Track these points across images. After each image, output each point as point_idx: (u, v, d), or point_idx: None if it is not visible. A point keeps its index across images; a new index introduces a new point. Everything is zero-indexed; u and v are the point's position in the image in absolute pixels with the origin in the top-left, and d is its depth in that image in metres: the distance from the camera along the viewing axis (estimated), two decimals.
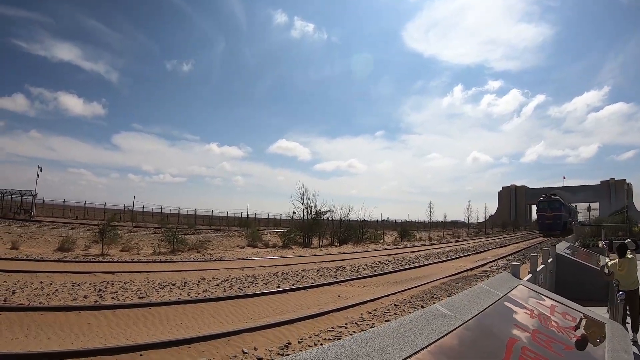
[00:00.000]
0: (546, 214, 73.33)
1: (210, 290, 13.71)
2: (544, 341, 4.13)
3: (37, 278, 13.85)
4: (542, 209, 74.71)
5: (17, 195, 56.21)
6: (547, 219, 72.75)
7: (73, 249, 24.34)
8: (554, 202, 74.24)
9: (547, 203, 73.99)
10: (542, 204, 75.36)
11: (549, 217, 72.68)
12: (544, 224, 73.62)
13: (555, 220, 71.60)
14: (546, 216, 73.24)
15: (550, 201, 74.21)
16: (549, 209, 72.88)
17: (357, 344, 2.48)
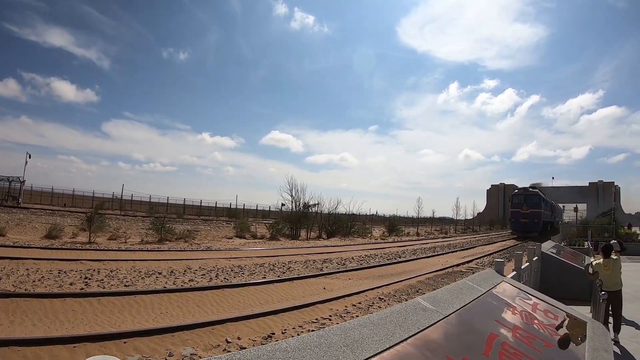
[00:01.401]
0: (521, 210, 56.79)
1: (196, 280, 13.71)
2: (525, 338, 4.18)
3: (23, 265, 13.79)
4: (517, 204, 57.74)
5: (4, 182, 55.57)
6: (523, 217, 56.54)
7: (60, 237, 24.25)
8: (532, 196, 57.71)
9: (522, 197, 57.83)
10: (516, 198, 58.66)
11: (525, 214, 56.43)
12: (518, 222, 56.98)
13: (532, 219, 55.14)
14: (521, 213, 56.71)
15: (527, 195, 58.03)
16: (525, 204, 56.45)
17: (336, 334, 2.50)
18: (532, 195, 57.17)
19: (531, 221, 54.26)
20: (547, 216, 60.55)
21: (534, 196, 56.73)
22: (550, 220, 64.24)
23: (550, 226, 62.26)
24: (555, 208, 74.13)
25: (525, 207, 55.18)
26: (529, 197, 56.67)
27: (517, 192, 59.74)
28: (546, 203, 59.96)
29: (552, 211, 67.26)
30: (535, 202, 55.46)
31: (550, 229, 61.40)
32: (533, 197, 56.47)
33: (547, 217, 59.64)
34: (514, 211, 57.23)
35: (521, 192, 59.24)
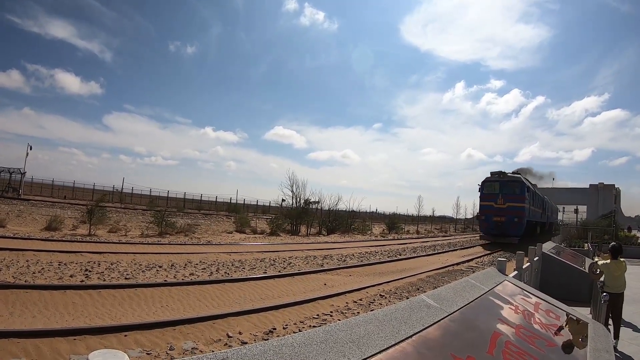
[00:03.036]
0: (495, 204, 37.10)
1: (196, 274, 13.72)
2: (527, 337, 4.19)
3: (23, 256, 13.79)
4: (488, 196, 38.14)
5: (5, 173, 55.70)
6: (497, 214, 36.82)
7: (60, 229, 24.24)
8: (511, 184, 37.90)
9: (497, 185, 37.91)
10: (488, 187, 38.49)
11: (500, 210, 36.74)
12: (490, 222, 37.25)
13: (511, 217, 36.07)
14: (495, 208, 36.94)
15: (505, 182, 37.95)
16: (500, 195, 37.10)
17: (342, 330, 2.50)
18: (512, 182, 37.38)
19: (509, 220, 35.47)
20: (535, 214, 42.03)
21: (515, 184, 37.18)
22: (540, 220, 46.85)
23: (540, 228, 46.83)
24: (548, 205, 55.44)
25: (500, 200, 36.46)
26: (507, 184, 37.25)
27: (490, 178, 38.43)
28: (533, 196, 41.56)
29: (542, 208, 48.41)
30: (516, 192, 36.59)
31: (541, 232, 46.64)
32: (513, 186, 37.07)
33: (534, 216, 40.96)
34: (485, 205, 37.57)
35: (495, 177, 38.19)
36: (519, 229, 35.37)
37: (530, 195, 38.76)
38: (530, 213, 38.25)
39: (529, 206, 38.05)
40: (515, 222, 35.27)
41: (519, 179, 37.84)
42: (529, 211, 37.81)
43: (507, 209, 35.68)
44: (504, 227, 35.39)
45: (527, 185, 38.12)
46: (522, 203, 35.96)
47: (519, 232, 35.33)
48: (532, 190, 41.99)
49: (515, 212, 35.56)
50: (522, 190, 36.49)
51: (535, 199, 43.38)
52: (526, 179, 42.47)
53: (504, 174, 38.04)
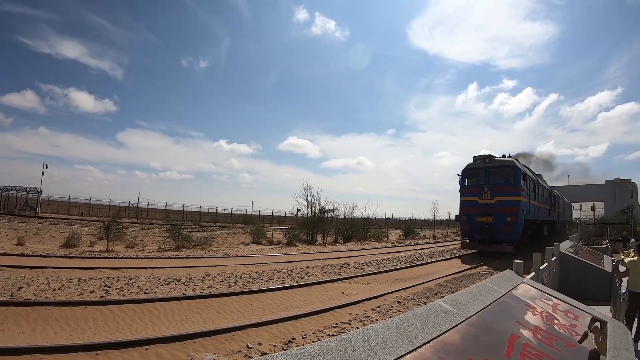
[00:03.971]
0: (480, 198, 27.46)
1: (215, 287, 13.77)
2: (546, 338, 4.18)
3: (43, 273, 13.95)
4: (472, 188, 28.42)
5: (22, 192, 56.55)
6: (482, 212, 27.14)
7: (78, 245, 24.44)
8: (501, 170, 27.66)
9: (482, 173, 28.02)
10: (470, 176, 28.92)
11: (487, 206, 26.98)
12: (474, 224, 27.48)
13: (502, 217, 26.03)
14: (480, 205, 27.37)
15: (492, 169, 27.69)
16: (486, 186, 27.37)
17: (360, 338, 2.54)
18: (502, 168, 27.23)
19: (499, 220, 25.67)
20: (539, 211, 31.51)
21: (506, 171, 27.01)
22: (548, 218, 36.01)
23: (548, 229, 35.57)
24: (559, 201, 43.92)
25: (486, 193, 26.75)
26: (496, 172, 27.24)
27: (472, 165, 28.49)
28: (536, 188, 31.08)
29: (550, 203, 37.47)
30: (509, 181, 26.47)
31: (550, 233, 35.73)
32: (503, 173, 27.08)
33: (537, 213, 30.79)
34: (466, 201, 27.85)
35: (479, 163, 28.01)
36: (514, 233, 25.00)
37: (529, 186, 28.27)
38: (530, 209, 28.02)
39: (528, 200, 27.72)
40: (507, 222, 24.66)
41: (512, 164, 26.71)
42: (528, 207, 27.50)
43: (496, 205, 25.62)
44: (493, 230, 25.43)
45: (524, 172, 26.63)
46: (516, 196, 25.39)
47: (514, 236, 25.00)
48: (534, 179, 30.92)
49: (507, 208, 25.24)
50: (516, 178, 25.90)
51: (539, 191, 32.25)
52: (525, 166, 31.36)
53: (491, 158, 27.29)
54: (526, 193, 27.50)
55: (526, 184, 27.65)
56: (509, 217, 25.25)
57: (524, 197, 26.61)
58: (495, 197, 26.41)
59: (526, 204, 27.35)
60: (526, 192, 27.50)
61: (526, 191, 27.54)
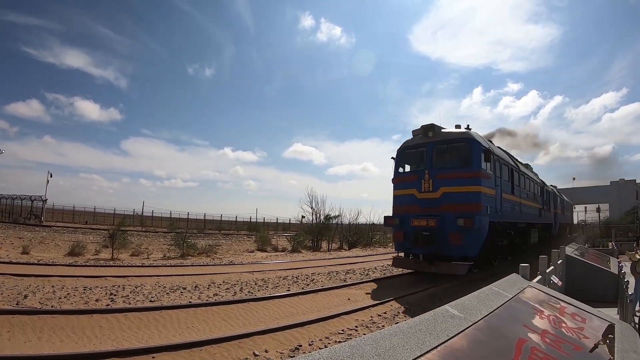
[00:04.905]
0: (419, 192, 17.36)
1: (220, 294, 13.78)
2: (554, 342, 4.17)
3: (48, 282, 13.98)
4: (408, 177, 18.45)
5: (27, 201, 56.89)
6: (421, 214, 17.07)
7: (83, 254, 24.51)
8: (450, 148, 17.50)
9: (423, 153, 17.88)
10: (407, 159, 18.98)
11: (428, 203, 17.00)
12: (409, 230, 17.26)
13: (450, 218, 16.09)
14: (418, 201, 17.38)
15: (436, 145, 17.53)
16: (427, 172, 17.19)
17: (368, 344, 2.53)
18: (453, 144, 17.63)
19: (446, 224, 16.34)
20: (521, 211, 22.67)
21: (459, 147, 17.44)
22: (539, 220, 27.92)
23: (539, 234, 27.89)
24: (555, 199, 35.96)
25: (427, 183, 17.36)
26: (443, 150, 17.81)
27: (410, 142, 18.99)
28: (515, 176, 22.10)
29: (542, 202, 28.99)
30: (463, 164, 16.88)
31: (543, 240, 28.88)
32: (455, 152, 17.59)
33: (516, 214, 21.69)
34: (401, 197, 18.72)
35: (419, 139, 18.50)
36: (469, 243, 15.95)
37: (501, 172, 19.07)
38: (503, 207, 18.76)
39: (499, 193, 18.46)
40: (458, 228, 15.82)
41: (466, 136, 17.20)
42: (499, 203, 18.33)
43: (441, 201, 16.71)
44: (436, 239, 16.32)
45: (488, 149, 17.10)
46: (474, 185, 16.40)
47: (470, 248, 15.99)
48: (512, 165, 21.71)
49: (459, 205, 16.29)
50: (473, 158, 16.61)
51: (524, 183, 23.75)
52: (491, 142, 20.95)
53: (435, 130, 17.86)
54: (493, 182, 17.67)
55: (494, 169, 17.95)
56: (460, 218, 15.67)
57: (487, 188, 16.92)
58: (441, 188, 16.66)
59: (492, 198, 17.43)
60: (493, 181, 17.68)
61: (493, 179, 17.69)
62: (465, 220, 15.64)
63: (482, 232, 16.22)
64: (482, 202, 16.35)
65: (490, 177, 17.47)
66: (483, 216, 16.21)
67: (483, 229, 16.23)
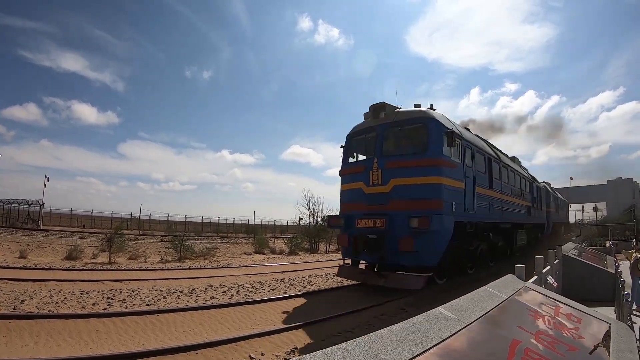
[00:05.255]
0: (367, 185, 14.30)
1: (217, 297, 13.76)
2: (548, 342, 4.17)
3: (45, 286, 13.96)
4: (356, 168, 15.32)
5: (24, 205, 56.81)
6: (368, 212, 14.08)
7: (81, 258, 24.47)
8: (407, 129, 14.34)
9: (373, 137, 14.85)
10: (356, 145, 16.15)
11: (377, 198, 13.94)
12: (354, 232, 14.33)
13: (400, 221, 12.99)
14: (366, 197, 14.31)
15: (390, 127, 14.52)
16: (375, 161, 14.17)
17: (359, 347, 2.54)
18: (408, 126, 14.37)
19: (397, 226, 13.16)
20: (502, 209, 18.88)
21: (415, 129, 14.20)
22: (527, 220, 24.59)
23: (528, 235, 24.67)
24: (548, 196, 33.32)
25: (376, 173, 14.12)
26: (395, 134, 14.68)
27: (360, 127, 16.01)
28: (494, 166, 18.32)
29: (531, 199, 25.81)
30: (419, 149, 13.62)
31: (532, 242, 25.93)
32: (410, 135, 14.42)
33: (494, 212, 17.83)
34: (348, 192, 15.56)
35: (369, 122, 15.52)
36: (427, 249, 12.96)
37: (472, 161, 15.75)
38: (475, 204, 15.46)
39: (471, 186, 15.31)
40: (411, 230, 12.82)
41: (424, 116, 14.07)
42: (469, 199, 15.01)
43: (391, 196, 13.70)
44: (385, 245, 13.43)
45: (452, 131, 13.53)
46: (433, 176, 13.20)
47: (427, 256, 13.06)
48: (490, 154, 18.16)
49: (413, 201, 13.23)
50: (432, 141, 13.48)
51: (506, 176, 20.21)
52: (466, 129, 18.01)
53: (387, 110, 14.93)
54: (461, 172, 14.41)
55: (462, 157, 14.67)
56: (414, 217, 12.60)
57: (451, 180, 13.61)
58: (391, 181, 13.58)
59: (459, 192, 14.13)
60: (461, 171, 14.42)
61: (461, 169, 14.44)
62: (420, 220, 12.48)
63: (444, 234, 12.99)
64: (444, 197, 13.02)
65: (456, 166, 14.04)
66: (445, 215, 12.91)
67: (445, 230, 12.96)
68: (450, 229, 13.25)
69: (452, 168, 13.73)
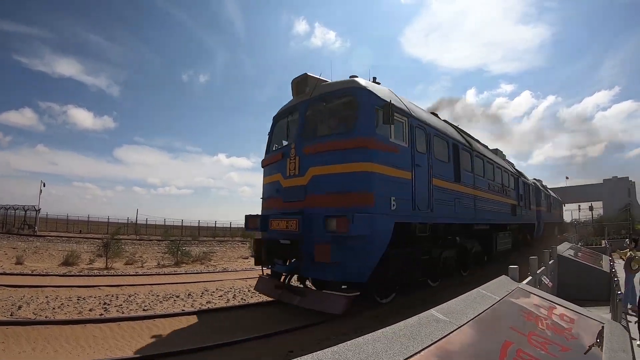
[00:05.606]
0: (284, 177, 11.13)
1: (213, 302, 13.78)
2: (540, 343, 4.21)
3: (42, 292, 13.94)
4: (275, 156, 12.01)
5: (20, 211, 56.65)
6: (283, 210, 10.94)
7: (77, 263, 24.40)
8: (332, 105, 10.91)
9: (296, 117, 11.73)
10: (279, 129, 13.05)
11: (294, 194, 10.57)
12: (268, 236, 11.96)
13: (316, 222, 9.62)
14: (283, 191, 11.12)
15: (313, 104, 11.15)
16: (293, 147, 10.90)
17: (350, 350, 2.57)
18: (333, 100, 10.91)
19: (313, 229, 9.82)
20: (475, 207, 15.46)
21: (341, 104, 10.80)
22: (510, 221, 20.98)
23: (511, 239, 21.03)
24: (538, 194, 30.69)
25: (293, 161, 10.78)
26: (319, 111, 11.20)
27: (285, 106, 12.81)
28: (455, 152, 14.17)
29: (516, 196, 22.54)
30: (345, 128, 10.34)
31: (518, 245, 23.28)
32: (335, 112, 10.97)
33: (470, 210, 15.00)
34: (266, 185, 12.68)
35: (294, 100, 12.25)
36: (353, 260, 9.36)
37: (423, 142, 11.96)
38: (430, 199, 11.86)
39: (423, 177, 11.55)
40: (328, 235, 9.32)
41: (353, 87, 10.59)
42: (421, 193, 11.34)
43: (309, 189, 10.33)
44: (299, 252, 10.25)
45: (386, 103, 9.99)
46: (360, 162, 9.58)
47: (353, 269, 9.44)
48: (453, 137, 14.51)
49: (334, 196, 9.78)
50: (361, 117, 9.98)
51: (481, 166, 17.06)
52: (433, 114, 15.60)
53: (310, 83, 11.65)
54: (407, 159, 11.02)
55: (410, 139, 11.27)
56: (332, 218, 9.23)
57: (389, 167, 10.16)
58: (309, 170, 10.43)
59: (403, 184, 10.65)
60: (407, 157, 11.03)
61: (406, 154, 11.04)
62: (338, 222, 8.95)
63: (376, 240, 9.57)
64: (377, 191, 9.56)
65: (397, 150, 10.52)
66: (378, 214, 9.50)
67: (377, 235, 9.53)
68: (387, 233, 9.79)
69: (391, 152, 10.23)
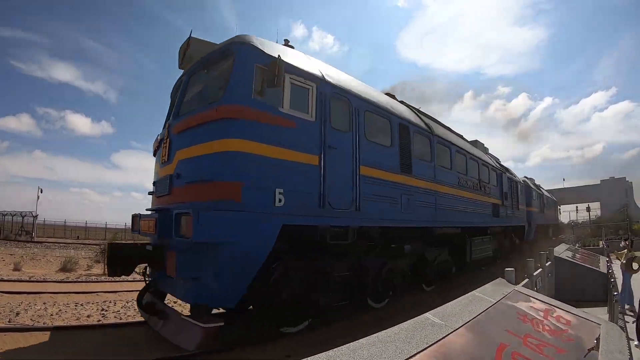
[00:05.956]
0: (160, 166, 8.92)
1: None
2: (536, 345, 4.22)
3: (40, 299, 13.90)
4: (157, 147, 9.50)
5: (17, 217, 56.53)
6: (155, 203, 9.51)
7: (75, 269, 24.33)
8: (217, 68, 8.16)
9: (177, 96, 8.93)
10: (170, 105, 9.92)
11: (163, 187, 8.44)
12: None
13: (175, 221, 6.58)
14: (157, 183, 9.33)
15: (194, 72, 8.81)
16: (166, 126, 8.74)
17: (345, 354, 2.59)
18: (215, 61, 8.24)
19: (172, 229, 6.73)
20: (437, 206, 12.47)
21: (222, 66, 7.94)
22: (490, 223, 17.52)
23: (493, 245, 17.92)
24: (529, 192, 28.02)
25: (165, 144, 8.42)
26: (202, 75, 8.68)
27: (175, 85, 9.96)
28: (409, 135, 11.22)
29: (499, 195, 19.26)
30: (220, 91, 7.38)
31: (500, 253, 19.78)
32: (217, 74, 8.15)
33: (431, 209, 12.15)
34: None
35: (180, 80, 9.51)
36: (215, 275, 6.69)
37: (347, 116, 9.03)
38: (352, 193, 8.81)
39: (346, 163, 8.77)
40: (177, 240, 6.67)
41: (234, 44, 7.75)
42: (338, 184, 8.44)
43: (174, 177, 7.76)
44: (160, 260, 7.88)
45: (275, 61, 7.00)
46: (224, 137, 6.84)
47: (218, 290, 6.78)
48: (397, 114, 11.05)
49: (194, 186, 7.13)
50: (234, 80, 7.17)
51: (448, 157, 13.99)
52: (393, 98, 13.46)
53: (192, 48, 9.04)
54: (312, 135, 8.08)
55: (315, 108, 8.22)
56: (184, 217, 6.53)
57: (272, 146, 7.23)
58: (176, 154, 7.88)
59: (305, 172, 7.78)
60: (313, 133, 8.10)
61: (312, 130, 8.12)
62: (187, 222, 6.47)
63: (245, 250, 6.84)
64: (248, 179, 6.87)
65: (292, 124, 7.73)
66: (248, 212, 6.82)
67: (246, 242, 6.80)
68: (267, 240, 7.15)
69: (281, 127, 7.53)
